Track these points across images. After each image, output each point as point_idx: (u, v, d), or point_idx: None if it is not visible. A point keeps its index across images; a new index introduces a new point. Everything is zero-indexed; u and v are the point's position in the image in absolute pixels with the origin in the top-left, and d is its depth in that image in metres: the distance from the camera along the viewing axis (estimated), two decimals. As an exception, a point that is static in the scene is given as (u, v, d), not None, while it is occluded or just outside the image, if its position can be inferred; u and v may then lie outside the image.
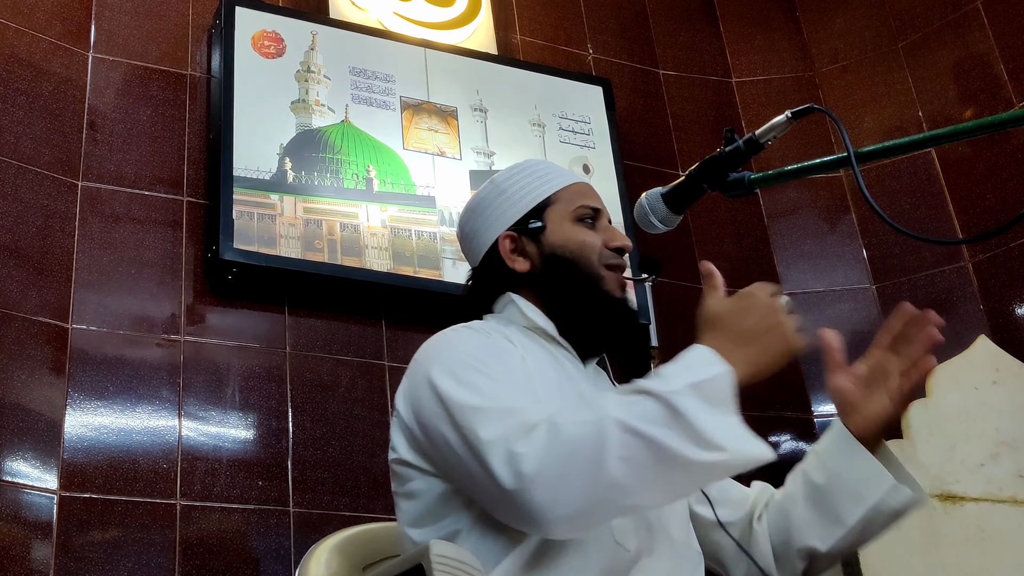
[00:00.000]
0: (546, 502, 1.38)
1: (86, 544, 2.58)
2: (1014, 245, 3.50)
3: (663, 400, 1.38)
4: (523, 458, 1.40)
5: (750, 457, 1.43)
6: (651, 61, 4.04)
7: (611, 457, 1.36)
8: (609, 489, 1.37)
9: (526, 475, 1.39)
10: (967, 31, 3.80)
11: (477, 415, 1.48)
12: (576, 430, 1.40)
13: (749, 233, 3.85)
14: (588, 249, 1.74)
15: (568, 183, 1.83)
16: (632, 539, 1.55)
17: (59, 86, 3.06)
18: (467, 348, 1.62)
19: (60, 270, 2.84)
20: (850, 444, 1.69)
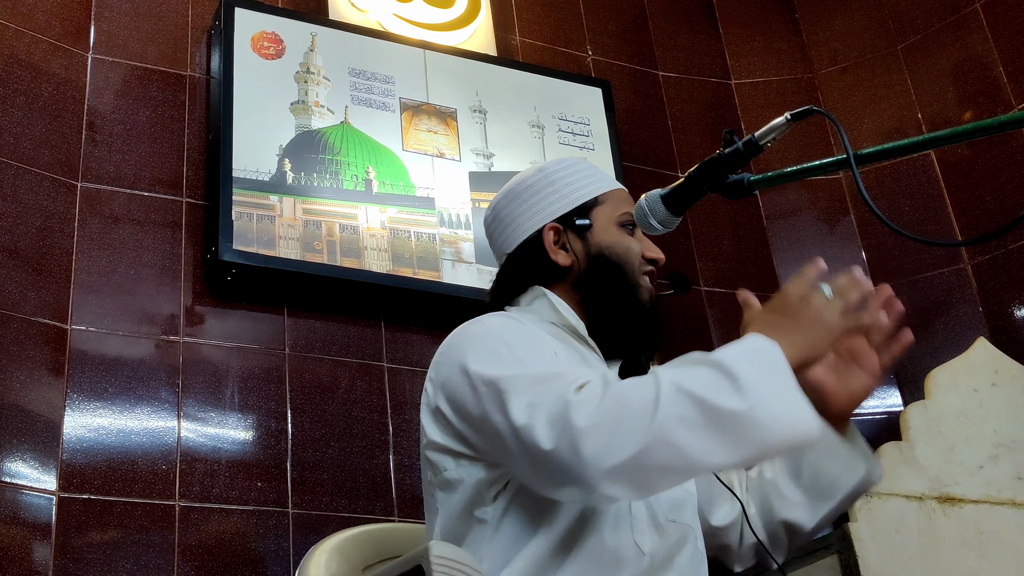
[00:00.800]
0: (596, 452, 1.37)
1: (85, 545, 2.58)
2: (1013, 247, 3.50)
3: (718, 366, 1.39)
4: (575, 408, 1.40)
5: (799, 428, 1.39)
6: (650, 63, 4.05)
7: (665, 415, 1.37)
8: (661, 445, 1.36)
9: (576, 427, 1.39)
10: (966, 33, 3.81)
11: (515, 383, 1.49)
12: (630, 387, 1.41)
13: (748, 235, 3.85)
14: (632, 255, 1.78)
15: (614, 187, 1.86)
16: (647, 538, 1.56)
17: (58, 87, 3.06)
18: (500, 331, 1.63)
19: (59, 271, 2.84)
20: (828, 438, 1.71)
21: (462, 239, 3.26)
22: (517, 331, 1.63)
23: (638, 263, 1.78)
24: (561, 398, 1.42)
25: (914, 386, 3.45)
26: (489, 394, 1.51)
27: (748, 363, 1.40)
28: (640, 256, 1.78)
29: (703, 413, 1.36)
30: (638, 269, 1.77)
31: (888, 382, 3.61)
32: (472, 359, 1.57)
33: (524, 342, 1.60)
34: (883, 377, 1.69)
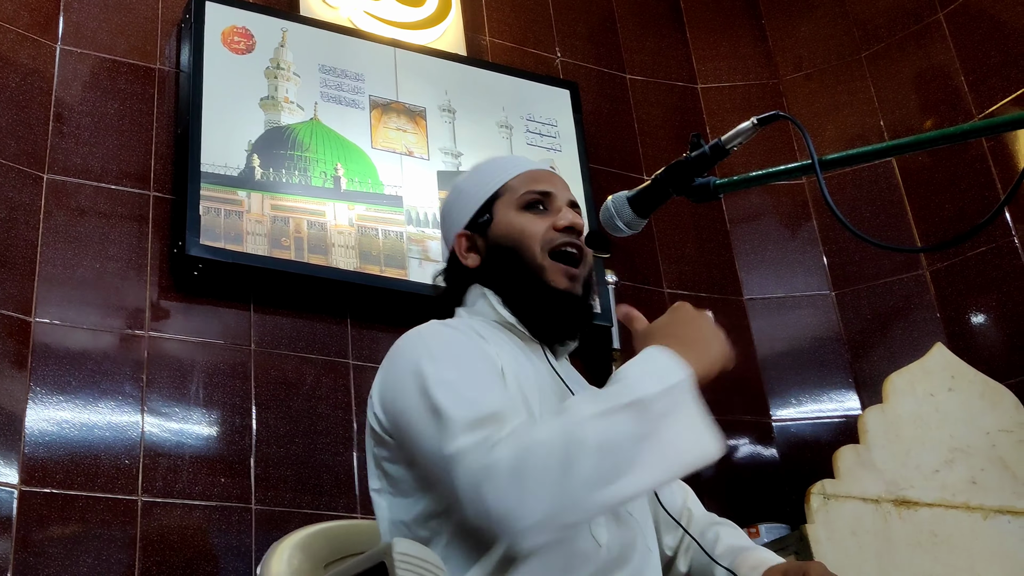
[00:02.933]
0: (513, 512, 1.37)
1: (46, 539, 2.56)
2: (971, 254, 3.55)
3: (636, 407, 1.41)
4: (488, 472, 1.39)
5: (706, 455, 1.47)
6: (618, 66, 4.07)
7: (576, 471, 1.37)
8: (574, 498, 1.37)
9: (487, 490, 1.38)
10: (929, 43, 3.86)
11: (448, 425, 1.47)
12: (543, 449, 1.39)
13: (711, 238, 3.88)
14: (528, 237, 1.74)
15: (520, 171, 1.82)
16: (604, 531, 1.58)
17: (26, 78, 3.03)
18: (440, 346, 1.62)
19: (24, 263, 2.82)
20: None
21: (429, 237, 3.27)
22: (458, 345, 1.63)
23: (539, 243, 1.73)
24: (482, 456, 1.42)
25: (872, 390, 3.49)
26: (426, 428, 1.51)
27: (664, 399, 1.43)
28: (544, 233, 1.74)
29: (615, 464, 1.38)
30: (539, 250, 1.73)
31: (847, 386, 3.65)
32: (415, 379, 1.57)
33: (465, 356, 1.60)
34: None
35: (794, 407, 3.65)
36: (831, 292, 3.78)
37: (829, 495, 2.82)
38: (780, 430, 3.62)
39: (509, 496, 1.37)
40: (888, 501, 2.84)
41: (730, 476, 3.51)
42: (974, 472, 2.91)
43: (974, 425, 2.97)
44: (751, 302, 3.80)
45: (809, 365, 3.70)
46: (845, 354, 3.69)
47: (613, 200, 1.67)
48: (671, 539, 1.84)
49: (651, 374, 1.45)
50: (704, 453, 1.45)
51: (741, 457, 3.57)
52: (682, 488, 1.93)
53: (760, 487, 3.51)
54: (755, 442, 3.60)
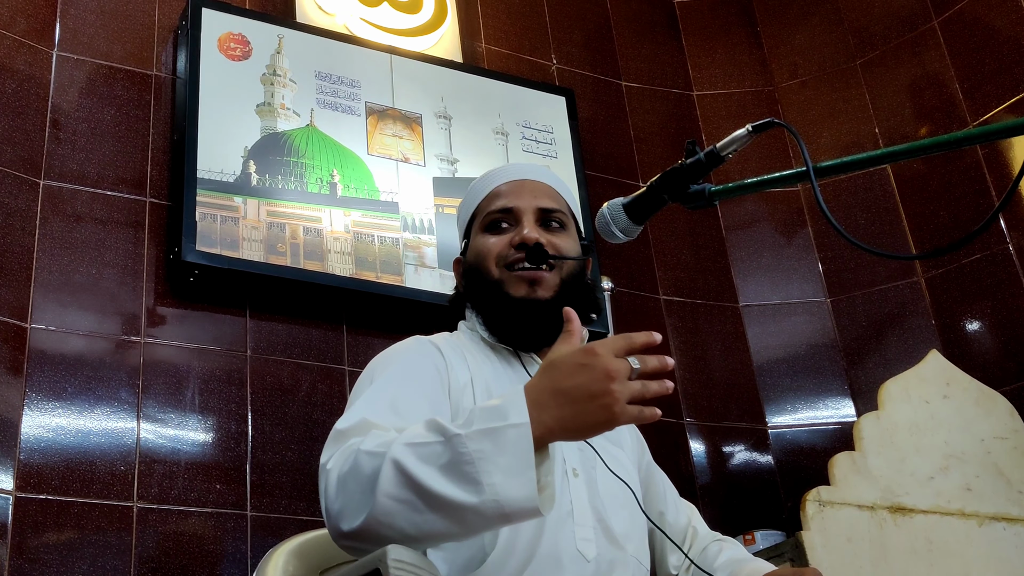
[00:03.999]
0: (335, 516, 1.42)
1: (41, 546, 2.56)
2: (966, 262, 3.56)
3: (449, 442, 1.35)
4: (328, 474, 1.45)
5: (511, 510, 1.33)
6: (614, 73, 4.08)
7: (380, 493, 1.37)
8: (376, 520, 1.38)
9: (326, 492, 1.45)
10: (924, 50, 3.87)
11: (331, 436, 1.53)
12: (364, 461, 1.41)
13: (707, 245, 3.89)
14: (483, 256, 1.78)
15: (490, 188, 1.86)
16: (592, 547, 1.58)
17: (22, 84, 3.04)
18: (393, 362, 1.69)
19: (20, 269, 2.82)
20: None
21: (425, 244, 3.27)
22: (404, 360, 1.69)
23: (495, 260, 1.77)
24: (330, 457, 1.47)
25: (867, 397, 3.50)
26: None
27: (485, 442, 1.34)
28: (500, 251, 1.77)
29: (417, 495, 1.36)
30: (495, 266, 1.76)
31: (842, 392, 3.65)
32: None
33: (400, 370, 1.66)
34: None
35: (790, 414, 3.66)
36: (826, 299, 3.79)
37: (825, 502, 2.82)
38: (776, 437, 3.62)
39: (335, 502, 1.42)
40: (883, 508, 2.84)
41: (726, 483, 3.52)
42: (969, 479, 2.91)
43: (969, 432, 2.97)
44: (747, 309, 3.80)
45: (805, 372, 3.70)
46: (840, 361, 3.69)
47: (609, 207, 1.68)
48: (676, 559, 1.85)
49: (491, 412, 1.37)
50: (520, 515, 1.34)
51: (737, 464, 3.57)
52: (687, 507, 1.94)
53: (756, 494, 3.52)
54: (751, 449, 3.60)
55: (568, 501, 1.62)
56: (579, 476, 1.66)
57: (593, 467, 1.69)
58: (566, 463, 1.65)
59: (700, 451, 3.52)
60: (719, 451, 3.56)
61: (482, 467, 1.32)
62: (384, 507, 1.36)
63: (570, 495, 1.63)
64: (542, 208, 1.81)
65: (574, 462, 1.66)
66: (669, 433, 3.48)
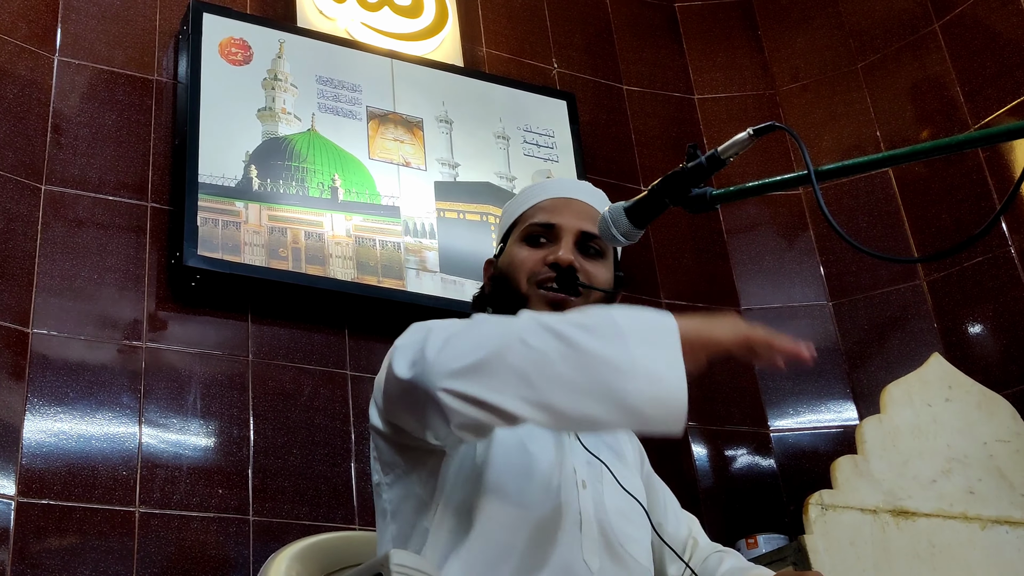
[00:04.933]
0: (440, 356, 1.39)
1: (43, 551, 2.56)
2: (968, 264, 3.55)
3: (600, 311, 1.39)
4: (433, 333, 1.44)
5: (658, 388, 1.33)
6: (615, 76, 4.08)
7: (515, 339, 1.36)
8: (503, 356, 1.35)
9: (428, 342, 1.42)
10: (925, 53, 3.87)
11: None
12: (495, 318, 1.43)
13: (708, 248, 3.89)
14: (516, 268, 1.77)
15: (538, 200, 1.84)
16: (596, 558, 1.59)
17: (24, 89, 3.04)
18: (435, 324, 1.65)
19: (21, 274, 2.83)
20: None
21: (427, 248, 3.27)
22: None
23: (527, 274, 1.75)
24: (425, 329, 1.47)
25: (869, 400, 3.49)
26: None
27: (632, 317, 1.38)
28: (533, 266, 1.75)
29: (559, 345, 1.34)
30: (526, 279, 1.75)
31: (844, 396, 3.65)
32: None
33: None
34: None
35: (792, 417, 3.66)
36: (828, 302, 3.78)
37: (827, 505, 2.82)
38: (778, 440, 3.62)
39: (440, 347, 1.40)
40: (886, 511, 2.84)
41: (728, 487, 3.52)
42: (971, 482, 2.91)
43: (971, 435, 2.97)
44: (748, 312, 3.80)
45: (807, 375, 3.70)
46: (842, 364, 3.69)
47: (610, 210, 1.68)
48: (675, 569, 1.85)
49: (636, 313, 1.40)
50: (664, 391, 1.33)
51: (739, 467, 3.57)
52: (688, 518, 1.94)
53: (758, 498, 3.52)
54: (753, 452, 3.60)
55: (577, 511, 1.62)
56: (587, 488, 1.66)
57: (600, 480, 1.69)
58: (576, 474, 1.65)
59: (702, 455, 3.52)
60: (721, 455, 3.56)
61: (630, 336, 1.33)
62: (519, 348, 1.34)
63: (579, 506, 1.63)
64: (584, 231, 1.79)
65: (583, 474, 1.67)
66: (671, 437, 3.48)
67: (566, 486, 1.62)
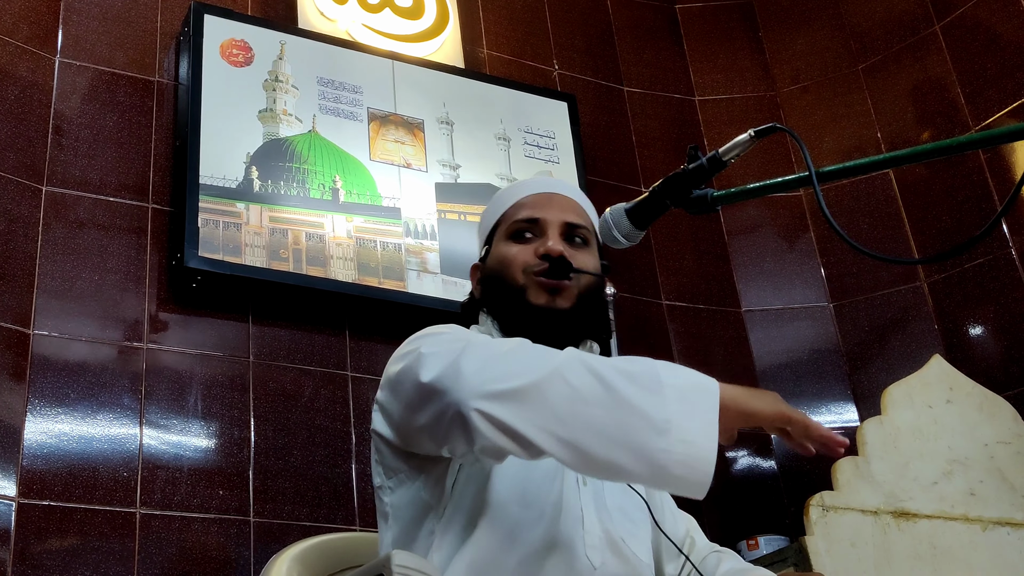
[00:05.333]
0: (477, 374, 1.39)
1: (44, 552, 2.56)
2: (969, 266, 3.55)
3: (645, 362, 1.40)
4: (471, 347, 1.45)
5: (689, 451, 1.33)
6: (615, 78, 4.08)
7: (555, 373, 1.37)
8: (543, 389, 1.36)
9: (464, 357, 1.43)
10: (925, 55, 3.87)
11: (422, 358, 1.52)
12: (537, 347, 1.43)
13: (709, 250, 3.89)
14: (509, 263, 1.77)
15: (516, 199, 1.86)
16: (598, 555, 1.59)
17: (25, 90, 3.04)
18: (442, 329, 1.67)
19: (22, 275, 2.83)
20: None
21: (427, 249, 3.27)
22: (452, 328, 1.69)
23: (520, 267, 1.76)
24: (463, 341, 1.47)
25: (870, 402, 3.49)
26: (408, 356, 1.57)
27: (676, 374, 1.39)
28: (525, 259, 1.76)
29: (598, 389, 1.35)
30: (521, 272, 1.75)
31: (845, 397, 3.65)
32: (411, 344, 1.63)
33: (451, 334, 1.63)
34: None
35: (793, 419, 3.65)
36: (829, 304, 3.78)
37: (828, 507, 2.82)
38: (779, 442, 3.62)
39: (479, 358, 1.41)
40: (887, 513, 2.84)
41: (729, 488, 3.51)
42: (972, 484, 2.91)
43: (972, 437, 2.97)
44: (749, 314, 3.80)
45: (807, 377, 3.70)
46: (843, 366, 3.69)
47: (611, 212, 1.68)
48: (672, 567, 1.85)
49: (679, 371, 1.42)
50: (694, 455, 1.33)
51: (740, 469, 3.57)
52: (685, 518, 1.94)
53: (759, 499, 3.51)
54: (754, 454, 3.60)
55: (579, 508, 1.63)
56: (587, 485, 1.67)
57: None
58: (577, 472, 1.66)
59: (703, 456, 3.51)
60: (722, 456, 3.55)
61: (670, 392, 1.34)
62: (558, 383, 1.35)
63: (580, 503, 1.64)
64: (568, 223, 1.81)
65: None
66: (672, 438, 3.48)
67: (567, 484, 1.63)
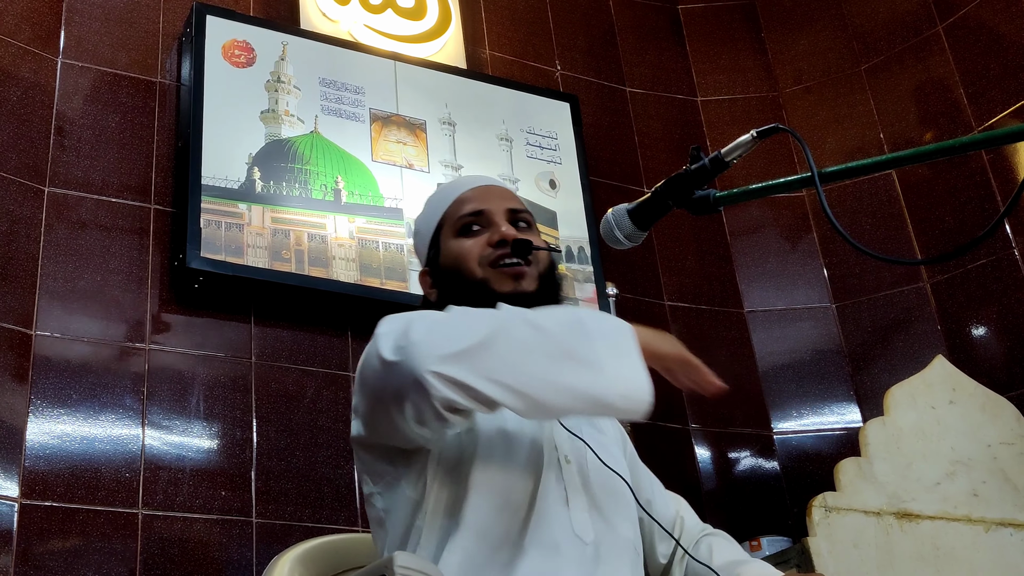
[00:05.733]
0: (428, 342, 1.45)
1: (46, 553, 2.56)
2: (971, 267, 3.55)
3: (569, 311, 1.51)
4: (417, 319, 1.51)
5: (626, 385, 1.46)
6: (618, 79, 4.08)
7: (500, 329, 1.45)
8: (492, 356, 1.43)
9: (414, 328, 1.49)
10: (928, 55, 3.87)
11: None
12: (478, 310, 1.51)
13: (712, 251, 3.89)
14: (464, 258, 1.77)
15: (455, 196, 1.86)
16: (589, 530, 1.59)
17: (27, 91, 3.04)
18: None
19: (25, 276, 2.83)
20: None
21: (429, 250, 3.27)
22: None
23: (476, 259, 1.76)
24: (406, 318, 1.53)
25: (873, 403, 3.49)
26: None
27: (598, 320, 1.52)
28: (480, 250, 1.77)
29: (539, 339, 1.45)
30: (478, 265, 1.76)
31: (848, 398, 3.65)
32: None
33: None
34: None
35: (795, 420, 3.65)
36: (832, 304, 3.78)
37: (831, 508, 2.81)
38: (781, 443, 3.62)
39: (425, 326, 1.49)
40: (890, 514, 2.84)
41: (731, 489, 3.51)
42: (975, 484, 2.90)
43: (975, 437, 2.97)
44: (752, 315, 3.80)
45: (810, 378, 3.70)
46: (846, 366, 3.68)
47: (613, 213, 1.68)
48: (665, 547, 1.85)
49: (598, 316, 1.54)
50: (631, 388, 1.46)
51: (742, 470, 3.56)
52: (675, 499, 1.94)
53: (761, 500, 3.51)
54: (756, 455, 3.59)
55: (563, 488, 1.62)
56: (571, 463, 1.67)
57: (584, 455, 1.70)
58: (558, 451, 1.66)
59: (706, 457, 3.52)
60: (725, 457, 3.56)
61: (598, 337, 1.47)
62: (505, 338, 1.44)
63: (564, 482, 1.63)
64: (511, 209, 1.82)
65: (565, 450, 1.67)
66: (674, 439, 3.48)
67: (549, 464, 1.63)
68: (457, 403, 1.44)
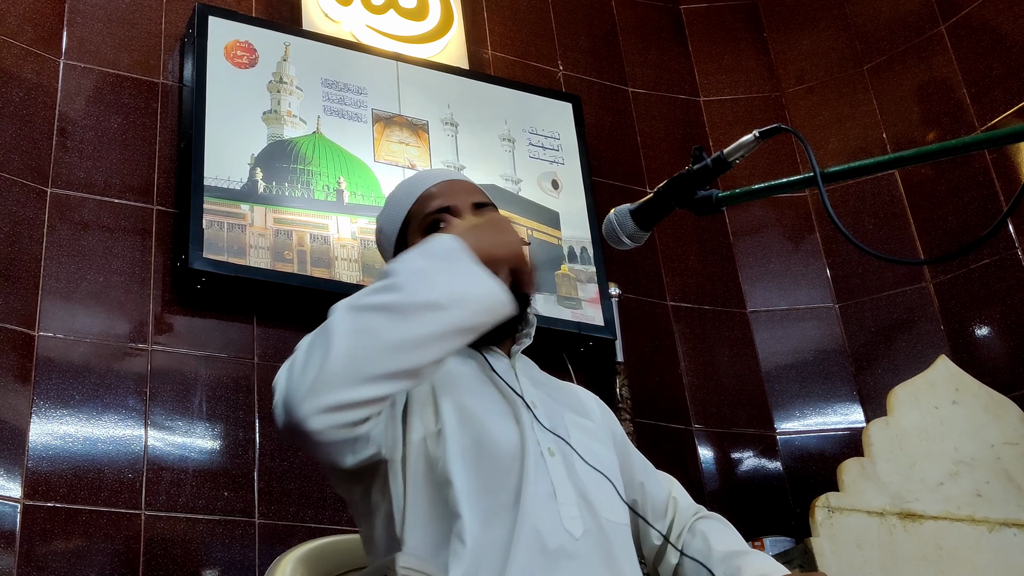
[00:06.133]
0: (287, 392, 1.42)
1: (49, 553, 2.56)
2: (974, 267, 3.55)
3: (381, 271, 1.47)
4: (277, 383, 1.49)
5: (479, 302, 1.44)
6: (620, 79, 4.08)
7: (336, 335, 1.40)
8: (344, 362, 1.39)
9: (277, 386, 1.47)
10: (931, 55, 3.87)
11: None
12: (310, 335, 1.47)
13: (714, 251, 3.88)
14: None
15: (419, 192, 1.85)
16: (578, 524, 1.58)
17: (29, 92, 3.04)
18: None
19: (27, 277, 2.83)
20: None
21: (432, 251, 3.27)
22: None
23: None
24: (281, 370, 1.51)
25: (876, 403, 3.49)
26: None
27: (413, 255, 1.47)
28: None
29: (373, 316, 1.41)
30: None
31: (851, 398, 3.65)
32: None
33: None
34: None
35: (798, 420, 3.65)
36: (834, 304, 3.78)
37: (834, 508, 2.81)
38: (784, 443, 3.61)
39: (282, 379, 1.46)
40: (893, 514, 2.84)
41: (734, 489, 3.51)
42: (979, 485, 2.90)
43: (978, 438, 2.96)
44: (754, 315, 3.80)
45: (813, 378, 3.69)
46: (849, 367, 3.68)
47: (615, 213, 1.68)
48: (660, 525, 1.85)
49: (416, 250, 1.50)
50: (485, 301, 1.44)
51: (745, 470, 3.56)
52: (667, 479, 1.93)
53: (764, 500, 3.51)
54: (759, 455, 3.59)
55: (549, 482, 1.60)
56: (555, 455, 1.65)
57: (569, 448, 1.68)
58: (540, 444, 1.64)
59: (708, 457, 3.52)
60: (727, 457, 3.55)
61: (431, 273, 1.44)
62: (345, 345, 1.39)
63: (550, 475, 1.61)
64: (476, 203, 1.81)
65: (548, 442, 1.65)
66: (677, 439, 3.48)
67: (532, 460, 1.60)
68: (350, 420, 1.42)
